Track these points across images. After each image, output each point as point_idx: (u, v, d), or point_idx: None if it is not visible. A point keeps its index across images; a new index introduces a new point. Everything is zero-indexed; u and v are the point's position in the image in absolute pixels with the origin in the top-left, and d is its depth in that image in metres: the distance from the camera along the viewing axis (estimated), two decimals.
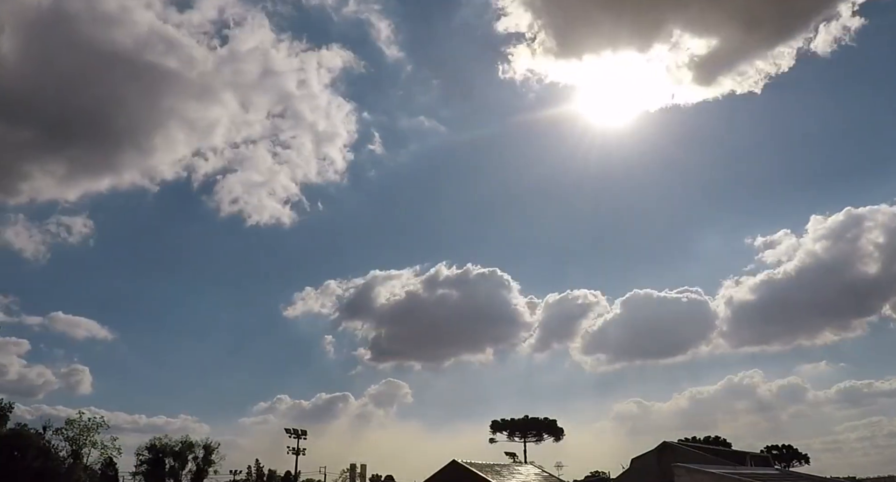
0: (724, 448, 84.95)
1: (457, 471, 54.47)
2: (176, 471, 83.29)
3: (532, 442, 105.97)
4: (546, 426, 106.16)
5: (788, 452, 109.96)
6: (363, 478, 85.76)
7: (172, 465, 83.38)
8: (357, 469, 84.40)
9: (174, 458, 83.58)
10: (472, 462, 56.56)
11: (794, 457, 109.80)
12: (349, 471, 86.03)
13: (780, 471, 60.40)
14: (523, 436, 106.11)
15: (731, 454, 65.29)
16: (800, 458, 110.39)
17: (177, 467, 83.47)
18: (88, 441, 71.60)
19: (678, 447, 61.22)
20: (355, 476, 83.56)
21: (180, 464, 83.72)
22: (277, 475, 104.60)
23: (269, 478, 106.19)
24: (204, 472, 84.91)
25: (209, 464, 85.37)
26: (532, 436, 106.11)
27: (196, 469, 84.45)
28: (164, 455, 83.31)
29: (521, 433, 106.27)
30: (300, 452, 79.71)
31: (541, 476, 64.09)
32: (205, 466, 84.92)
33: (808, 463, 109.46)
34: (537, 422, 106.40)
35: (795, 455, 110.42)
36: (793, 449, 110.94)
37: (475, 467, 54.91)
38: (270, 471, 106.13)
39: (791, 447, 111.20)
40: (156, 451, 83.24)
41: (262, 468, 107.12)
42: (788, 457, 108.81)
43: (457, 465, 55.01)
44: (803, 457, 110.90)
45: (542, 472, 67.50)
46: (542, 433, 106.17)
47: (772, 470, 60.22)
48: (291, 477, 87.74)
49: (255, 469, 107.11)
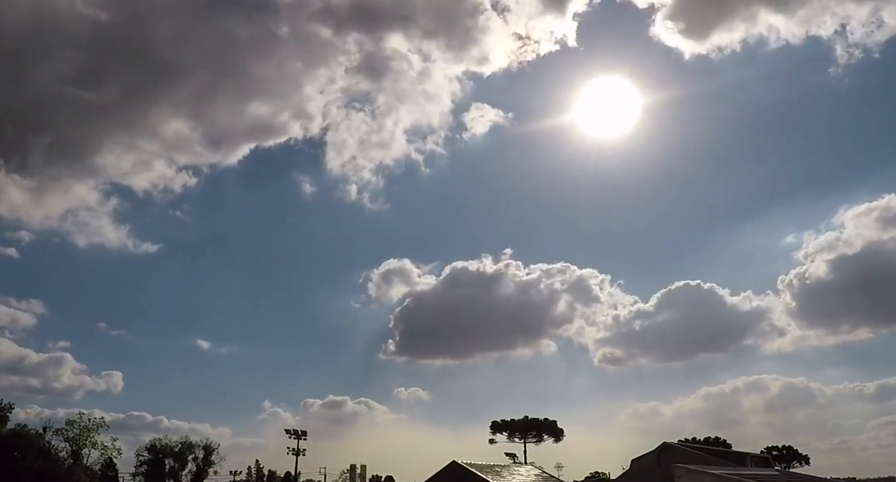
0: (724, 448, 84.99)
1: (457, 471, 54.53)
2: (176, 472, 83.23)
3: (532, 442, 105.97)
4: (546, 427, 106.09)
5: (789, 453, 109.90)
6: (363, 478, 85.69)
7: (172, 466, 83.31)
8: (357, 469, 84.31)
9: (174, 459, 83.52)
10: (472, 462, 56.59)
11: (795, 458, 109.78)
12: (349, 472, 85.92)
13: (780, 472, 60.41)
14: (523, 437, 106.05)
15: (732, 455, 65.28)
16: (800, 459, 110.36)
17: (177, 468, 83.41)
18: (88, 441, 71.58)
19: (678, 448, 61.26)
20: (355, 476, 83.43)
21: (180, 465, 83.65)
22: (277, 476, 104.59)
23: (269, 478, 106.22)
24: (204, 473, 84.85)
25: (209, 465, 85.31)
26: (532, 436, 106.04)
27: (196, 469, 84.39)
28: (164, 455, 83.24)
29: (520, 434, 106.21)
30: (300, 453, 79.70)
31: (541, 477, 64.09)
32: (205, 467, 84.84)
33: (808, 464, 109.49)
34: (537, 422, 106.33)
35: (796, 455, 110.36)
36: (793, 449, 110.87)
37: (475, 468, 54.95)
38: (270, 471, 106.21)
39: (791, 448, 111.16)
40: (156, 452, 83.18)
41: (262, 468, 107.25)
42: (789, 458, 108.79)
43: (457, 466, 55.07)
44: (803, 457, 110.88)
45: (542, 473, 67.52)
46: (542, 434, 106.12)
47: (772, 470, 60.25)
48: (291, 477, 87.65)
49: (255, 469, 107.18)
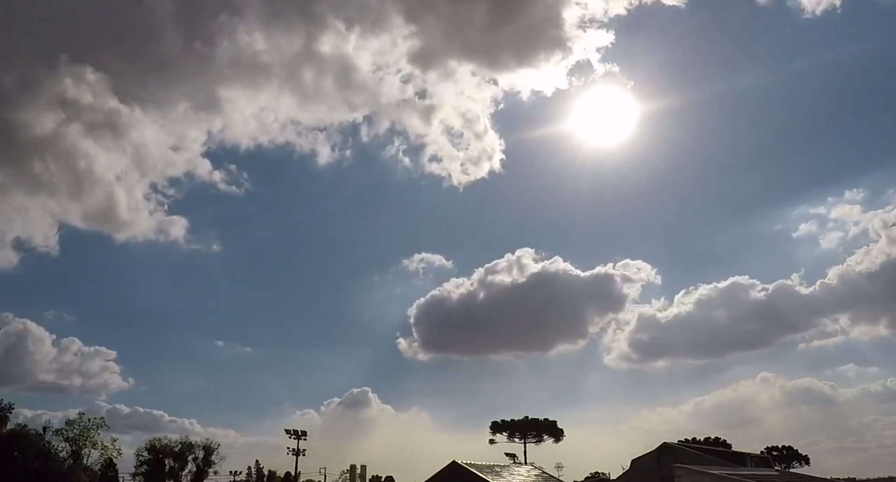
0: (724, 449, 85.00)
1: (457, 471, 54.50)
2: (176, 472, 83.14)
3: (532, 443, 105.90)
4: (546, 427, 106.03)
5: (789, 453, 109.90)
6: (363, 478, 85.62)
7: (172, 466, 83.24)
8: (357, 470, 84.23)
9: (174, 459, 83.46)
10: (472, 463, 56.56)
11: (795, 458, 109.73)
12: (349, 472, 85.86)
13: (780, 472, 60.41)
14: (523, 437, 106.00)
15: (732, 455, 65.34)
16: (800, 459, 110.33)
17: (177, 468, 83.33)
18: (88, 441, 71.52)
19: (678, 448, 61.30)
20: (355, 477, 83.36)
21: (180, 465, 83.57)
22: (277, 476, 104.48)
23: (270, 478, 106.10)
24: (204, 473, 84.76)
25: (209, 465, 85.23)
26: (532, 437, 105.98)
27: (196, 470, 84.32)
28: (164, 456, 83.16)
29: (520, 434, 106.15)
30: (300, 453, 79.60)
31: (541, 477, 64.06)
32: (205, 467, 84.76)
33: (808, 464, 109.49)
34: (537, 423, 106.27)
35: (796, 456, 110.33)
36: (793, 450, 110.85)
37: (475, 468, 54.92)
38: (270, 471, 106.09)
39: (791, 448, 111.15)
40: (155, 452, 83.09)
41: (262, 468, 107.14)
42: (789, 458, 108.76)
43: (457, 466, 55.04)
44: (803, 458, 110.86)
45: (542, 473, 67.50)
46: (542, 434, 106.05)
47: (772, 471, 60.25)
48: (291, 477, 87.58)
49: (255, 469, 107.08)
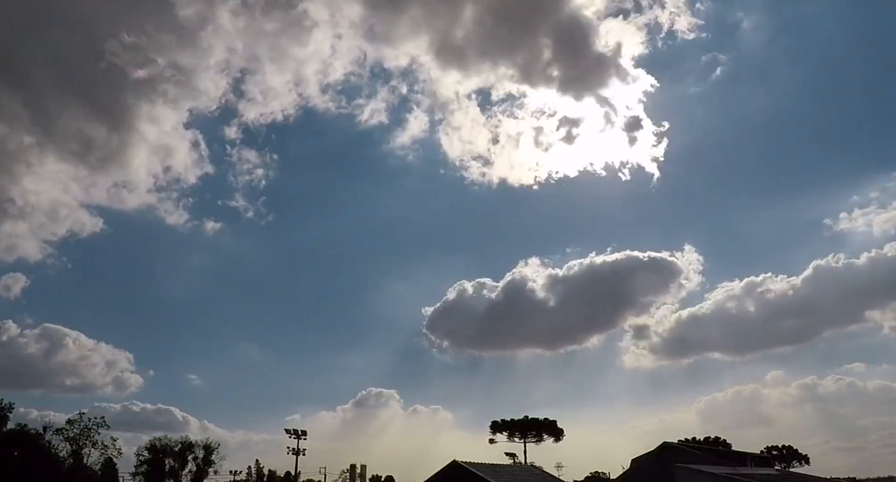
0: (724, 448, 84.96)
1: (457, 471, 54.41)
2: (176, 472, 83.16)
3: (532, 442, 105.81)
4: (546, 427, 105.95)
5: (789, 453, 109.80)
6: (363, 478, 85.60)
7: (172, 466, 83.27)
8: (357, 469, 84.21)
9: (174, 459, 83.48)
10: (472, 462, 56.49)
11: (795, 458, 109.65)
12: (349, 471, 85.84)
13: (780, 472, 60.40)
14: (523, 437, 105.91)
15: (732, 455, 65.24)
16: (800, 459, 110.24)
17: (177, 467, 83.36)
18: (89, 441, 71.57)
19: (678, 447, 61.20)
20: (355, 476, 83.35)
21: (180, 465, 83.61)
22: (277, 475, 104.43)
23: (270, 478, 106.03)
24: (204, 473, 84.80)
25: (209, 465, 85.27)
26: (532, 436, 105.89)
27: (196, 469, 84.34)
28: (164, 455, 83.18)
29: (520, 434, 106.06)
30: (300, 453, 79.47)
31: (541, 476, 64.01)
32: (205, 467, 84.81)
33: (808, 463, 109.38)
34: (537, 422, 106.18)
35: (795, 455, 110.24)
36: (793, 449, 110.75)
37: (475, 467, 54.83)
38: (270, 471, 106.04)
39: (791, 447, 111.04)
40: (156, 452, 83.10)
41: (262, 468, 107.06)
42: (788, 458, 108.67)
43: (457, 465, 54.95)
44: (803, 457, 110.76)
45: (542, 473, 67.44)
46: (542, 434, 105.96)
47: (772, 470, 60.24)
48: (291, 477, 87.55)
49: (255, 469, 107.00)
